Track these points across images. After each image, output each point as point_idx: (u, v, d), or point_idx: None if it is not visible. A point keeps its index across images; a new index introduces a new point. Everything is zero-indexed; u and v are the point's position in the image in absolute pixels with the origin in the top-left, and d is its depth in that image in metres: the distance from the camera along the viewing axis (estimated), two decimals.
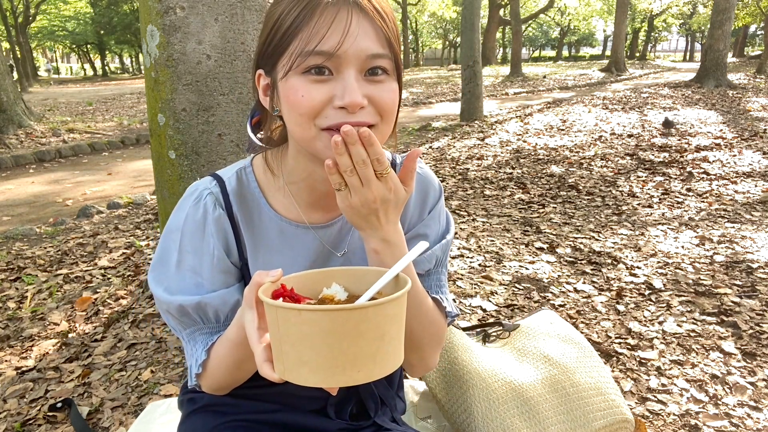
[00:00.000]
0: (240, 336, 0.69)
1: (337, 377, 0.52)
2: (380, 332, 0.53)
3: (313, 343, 0.51)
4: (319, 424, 0.90)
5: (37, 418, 1.81)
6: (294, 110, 0.67)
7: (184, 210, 0.80)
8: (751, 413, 1.70)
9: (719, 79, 12.20)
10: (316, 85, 0.65)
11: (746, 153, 5.62)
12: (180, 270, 0.78)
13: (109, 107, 13.25)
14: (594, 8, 34.28)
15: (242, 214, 0.81)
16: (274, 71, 0.70)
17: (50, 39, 35.37)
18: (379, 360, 0.54)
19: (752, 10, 20.99)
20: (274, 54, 0.69)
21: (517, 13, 19.66)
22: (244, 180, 0.83)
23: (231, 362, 0.75)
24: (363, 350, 0.52)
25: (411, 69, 30.62)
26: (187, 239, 0.78)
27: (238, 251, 0.81)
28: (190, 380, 0.81)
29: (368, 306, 0.51)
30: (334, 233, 0.84)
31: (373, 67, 0.67)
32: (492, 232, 3.53)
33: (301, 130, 0.68)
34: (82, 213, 4.40)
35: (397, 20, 0.70)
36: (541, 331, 1.36)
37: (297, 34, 0.65)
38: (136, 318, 2.46)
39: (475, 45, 8.38)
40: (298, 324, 0.51)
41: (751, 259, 2.86)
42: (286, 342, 0.52)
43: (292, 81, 0.66)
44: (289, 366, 0.53)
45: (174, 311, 0.78)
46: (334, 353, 0.51)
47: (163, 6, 1.95)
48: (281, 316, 0.52)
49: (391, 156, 0.91)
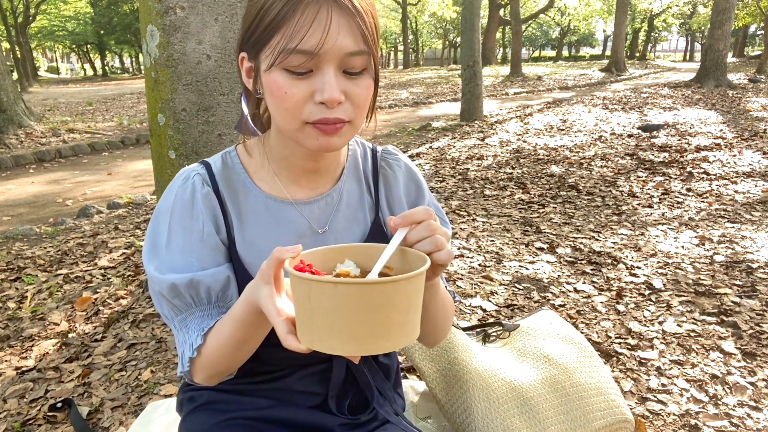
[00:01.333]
0: (246, 313, 0.70)
1: (367, 346, 0.56)
2: (408, 304, 0.57)
3: (347, 315, 0.54)
4: (319, 420, 0.90)
5: (37, 418, 1.81)
6: (280, 104, 0.72)
7: (173, 191, 0.82)
8: (751, 413, 1.70)
9: (719, 79, 12.20)
10: (297, 81, 0.70)
11: (746, 153, 5.62)
12: (170, 250, 0.79)
13: (109, 107, 13.25)
14: (594, 8, 34.28)
15: (228, 192, 0.84)
16: (257, 59, 0.74)
17: (50, 39, 35.36)
18: (406, 330, 0.58)
19: (752, 10, 20.99)
20: (258, 44, 0.72)
21: (517, 13, 19.66)
22: (228, 162, 0.86)
23: (234, 342, 0.75)
24: (393, 320, 0.56)
25: (411, 69, 30.62)
26: (177, 219, 0.80)
27: (226, 229, 0.83)
28: (182, 367, 0.80)
29: (400, 279, 0.55)
30: (316, 210, 0.87)
31: (350, 64, 0.70)
32: (492, 232, 3.53)
33: (286, 122, 0.73)
34: (82, 213, 4.40)
35: (376, 14, 0.74)
36: (541, 331, 1.36)
37: (279, 29, 0.68)
38: (136, 318, 2.46)
39: (475, 45, 8.38)
40: (333, 296, 0.54)
41: (751, 259, 2.87)
42: (318, 314, 0.55)
43: (275, 76, 0.70)
44: (320, 336, 0.56)
45: (166, 291, 0.78)
46: (367, 324, 0.55)
47: (163, 6, 1.95)
48: (315, 288, 0.55)
49: (362, 146, 0.96)
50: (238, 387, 0.91)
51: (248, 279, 0.82)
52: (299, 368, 0.90)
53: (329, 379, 0.91)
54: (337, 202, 0.88)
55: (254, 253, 0.83)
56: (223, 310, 0.82)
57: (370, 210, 0.91)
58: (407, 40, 35.04)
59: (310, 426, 0.89)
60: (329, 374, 0.91)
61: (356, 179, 0.92)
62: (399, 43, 47.30)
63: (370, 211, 0.91)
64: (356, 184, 0.91)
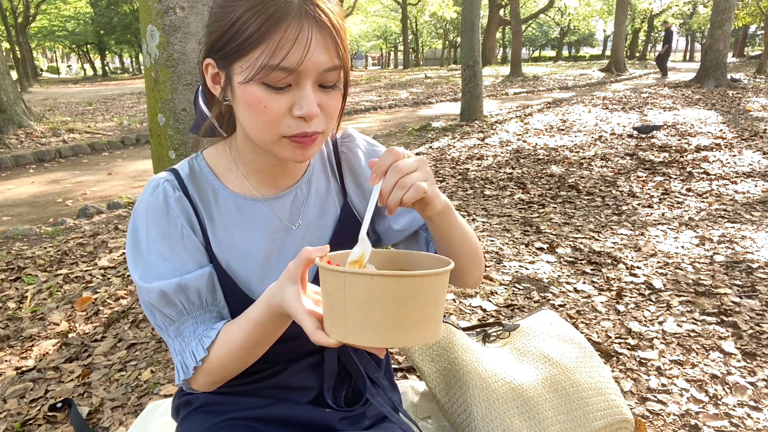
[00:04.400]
0: (265, 315, 0.72)
1: (398, 338, 0.58)
2: (436, 298, 0.60)
3: (381, 307, 0.57)
4: (317, 416, 0.90)
5: (37, 418, 1.81)
6: (258, 117, 0.72)
7: (144, 201, 0.82)
8: (751, 413, 1.70)
9: (719, 79, 12.20)
10: (276, 96, 0.71)
11: (746, 153, 5.62)
12: (152, 259, 0.79)
13: (109, 107, 13.25)
14: (594, 8, 34.26)
15: (198, 195, 0.84)
16: (230, 69, 0.73)
17: (50, 39, 35.36)
18: (432, 324, 0.60)
19: (752, 10, 20.99)
20: (232, 55, 0.71)
21: (517, 13, 19.65)
22: (196, 167, 0.87)
23: (247, 345, 0.76)
24: (422, 314, 0.58)
25: (411, 69, 30.61)
26: (153, 227, 0.80)
27: (201, 231, 0.84)
28: (184, 375, 0.80)
29: (432, 273, 0.58)
30: (288, 204, 0.88)
31: (326, 79, 0.72)
32: (492, 232, 3.53)
33: (262, 134, 0.74)
34: (82, 213, 4.40)
35: (345, 29, 0.78)
36: (541, 331, 1.36)
37: (259, 45, 0.68)
38: (136, 318, 2.46)
39: (475, 45, 8.38)
40: (368, 289, 0.56)
41: (751, 259, 2.87)
42: (352, 307, 0.57)
43: (253, 89, 0.70)
44: (353, 330, 0.58)
45: (155, 300, 0.78)
46: (398, 316, 0.57)
47: (163, 6, 1.95)
48: (350, 281, 0.57)
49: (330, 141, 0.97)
50: (233, 389, 0.91)
51: (227, 280, 0.83)
52: (291, 363, 0.90)
53: (322, 373, 0.92)
54: (306, 193, 0.90)
55: (229, 253, 0.84)
56: (215, 314, 0.83)
57: (338, 196, 0.93)
58: (407, 40, 35.02)
59: (308, 422, 0.89)
60: (321, 368, 0.92)
61: (322, 168, 0.93)
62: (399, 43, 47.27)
63: (338, 197, 0.93)
64: (323, 173, 0.93)
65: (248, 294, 0.84)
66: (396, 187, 0.68)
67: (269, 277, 0.86)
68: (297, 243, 0.88)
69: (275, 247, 0.87)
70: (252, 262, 0.85)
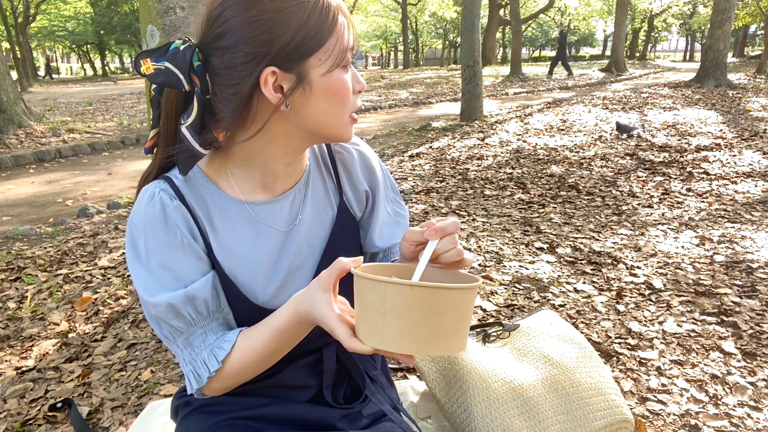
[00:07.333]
0: (290, 323, 0.73)
1: (432, 347, 0.61)
2: (467, 311, 0.63)
3: (419, 317, 0.59)
4: (317, 414, 0.90)
5: (37, 418, 1.81)
6: (340, 101, 0.77)
7: (140, 211, 0.79)
8: (751, 413, 1.70)
9: (719, 79, 12.19)
10: (347, 75, 0.77)
11: (746, 153, 5.62)
12: (153, 270, 0.78)
13: (109, 107, 13.24)
14: (594, 8, 34.24)
15: (196, 202, 0.83)
16: (303, 66, 0.74)
17: (50, 39, 35.34)
18: (462, 335, 0.63)
19: (752, 10, 20.98)
20: (310, 51, 0.74)
21: (517, 13, 19.64)
22: (190, 174, 0.85)
23: (268, 353, 0.77)
24: (454, 325, 0.61)
25: (411, 69, 30.60)
26: (152, 238, 0.78)
27: (202, 237, 0.83)
28: (197, 384, 0.80)
29: (466, 287, 0.61)
30: (286, 207, 0.88)
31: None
32: (492, 232, 3.53)
33: (338, 118, 0.78)
34: (82, 213, 4.40)
35: None
36: (541, 331, 1.36)
37: (333, 31, 0.74)
38: (136, 318, 2.46)
39: (475, 45, 8.38)
40: (408, 298, 0.58)
41: (751, 259, 2.87)
42: (390, 315, 0.59)
43: (336, 75, 0.75)
44: (390, 337, 0.61)
45: (163, 314, 0.77)
46: (433, 325, 0.60)
47: (163, 6, 1.95)
48: (390, 291, 0.59)
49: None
50: (233, 389, 0.91)
51: (231, 285, 0.83)
52: (289, 362, 0.90)
53: (321, 371, 0.93)
54: (305, 193, 0.90)
55: (231, 258, 0.84)
56: (221, 321, 0.83)
57: (334, 195, 0.94)
58: (407, 40, 35.02)
59: (308, 421, 0.89)
60: (320, 366, 0.92)
61: (318, 168, 0.94)
62: (399, 43, 47.25)
63: (335, 196, 0.94)
64: (319, 173, 0.93)
65: (251, 298, 0.84)
66: (453, 252, 0.73)
67: (272, 280, 0.86)
68: (297, 244, 0.88)
69: (276, 249, 0.87)
70: (255, 266, 0.85)
